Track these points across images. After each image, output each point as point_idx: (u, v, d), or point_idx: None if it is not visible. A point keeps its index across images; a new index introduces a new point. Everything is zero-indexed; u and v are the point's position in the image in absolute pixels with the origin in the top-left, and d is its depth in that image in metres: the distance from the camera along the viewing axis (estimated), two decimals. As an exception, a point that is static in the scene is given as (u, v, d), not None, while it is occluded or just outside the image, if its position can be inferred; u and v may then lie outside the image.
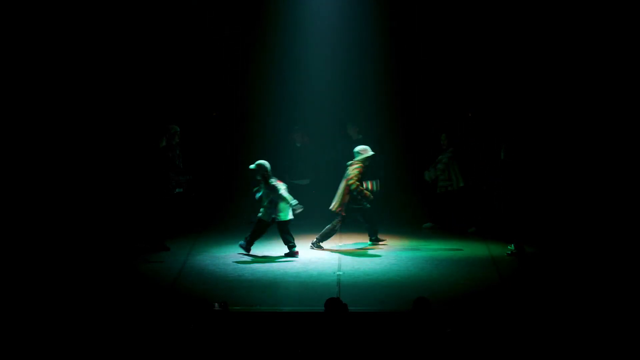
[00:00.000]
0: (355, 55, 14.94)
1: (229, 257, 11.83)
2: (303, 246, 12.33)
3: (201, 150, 14.14)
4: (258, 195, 11.88)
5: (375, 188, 13.18)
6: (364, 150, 12.23)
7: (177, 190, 12.34)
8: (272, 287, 10.36)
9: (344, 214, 12.18)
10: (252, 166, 11.82)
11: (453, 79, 14.84)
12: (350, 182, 12.04)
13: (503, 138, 13.31)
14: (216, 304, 9.20)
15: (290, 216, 11.79)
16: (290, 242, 11.86)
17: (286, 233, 11.86)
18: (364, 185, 12.25)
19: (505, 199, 12.42)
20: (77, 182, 13.53)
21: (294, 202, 11.77)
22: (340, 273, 10.94)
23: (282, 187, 11.78)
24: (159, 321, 8.88)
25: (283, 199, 11.72)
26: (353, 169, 12.11)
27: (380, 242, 12.61)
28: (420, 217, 14.22)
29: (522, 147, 13.02)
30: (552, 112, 14.26)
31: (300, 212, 11.89)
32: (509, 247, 11.96)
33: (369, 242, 12.62)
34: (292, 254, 11.85)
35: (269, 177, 11.74)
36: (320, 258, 11.76)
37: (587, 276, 10.68)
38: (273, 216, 11.80)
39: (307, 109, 14.92)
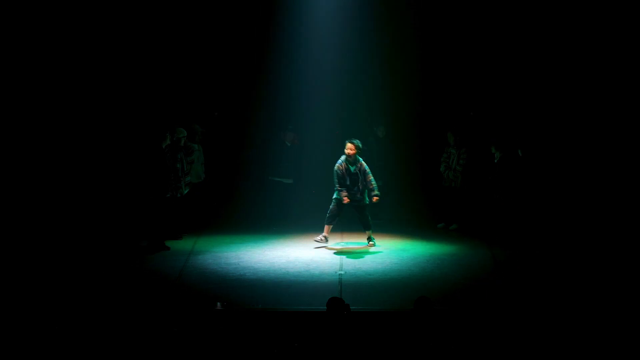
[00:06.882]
0: (357, 56, 14.99)
1: (230, 256, 11.84)
2: (304, 246, 12.39)
3: (202, 149, 14.12)
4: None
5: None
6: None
7: (179, 192, 12.42)
8: (273, 286, 10.37)
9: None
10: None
11: (456, 78, 14.85)
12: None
13: (506, 137, 13.36)
14: (218, 304, 9.26)
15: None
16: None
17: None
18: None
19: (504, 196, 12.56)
20: (79, 181, 13.56)
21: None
22: (342, 272, 10.95)
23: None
24: (161, 320, 8.90)
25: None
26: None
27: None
28: (421, 217, 14.24)
29: (524, 146, 13.09)
30: (553, 113, 14.29)
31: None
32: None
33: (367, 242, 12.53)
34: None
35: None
36: (322, 257, 11.78)
37: (586, 275, 10.72)
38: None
39: (306, 109, 14.95)
